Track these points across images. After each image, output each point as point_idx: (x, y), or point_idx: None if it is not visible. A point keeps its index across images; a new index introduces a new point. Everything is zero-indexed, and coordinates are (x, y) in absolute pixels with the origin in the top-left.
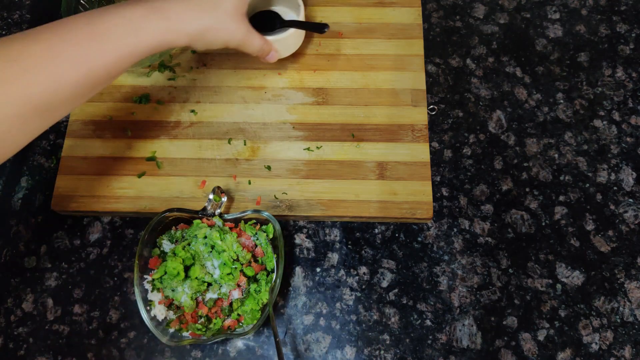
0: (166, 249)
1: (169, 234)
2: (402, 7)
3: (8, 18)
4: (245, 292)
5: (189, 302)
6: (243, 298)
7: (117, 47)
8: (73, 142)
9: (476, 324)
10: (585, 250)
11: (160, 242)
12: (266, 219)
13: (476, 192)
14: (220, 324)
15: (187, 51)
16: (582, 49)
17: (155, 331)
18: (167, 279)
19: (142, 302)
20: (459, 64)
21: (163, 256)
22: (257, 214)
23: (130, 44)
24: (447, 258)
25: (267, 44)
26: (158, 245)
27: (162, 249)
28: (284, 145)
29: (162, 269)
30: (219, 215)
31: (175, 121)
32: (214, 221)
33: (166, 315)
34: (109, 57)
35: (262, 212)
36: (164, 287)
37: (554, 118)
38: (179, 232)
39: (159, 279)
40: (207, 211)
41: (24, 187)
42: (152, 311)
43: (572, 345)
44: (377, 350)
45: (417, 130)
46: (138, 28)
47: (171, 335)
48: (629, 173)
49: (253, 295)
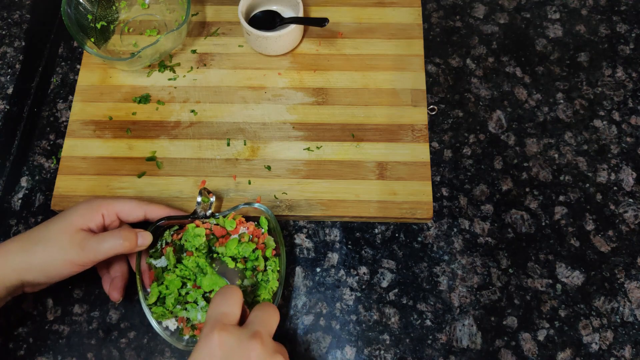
0: (158, 265)
1: (155, 250)
2: (402, 7)
3: (8, 18)
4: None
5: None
6: (254, 289)
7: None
8: (73, 142)
9: (476, 324)
10: (585, 250)
11: (148, 260)
12: (260, 211)
13: (476, 192)
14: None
15: (187, 51)
16: (582, 49)
17: (171, 340)
18: (171, 299)
19: (150, 313)
20: (459, 64)
21: (159, 273)
22: (249, 206)
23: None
24: (447, 258)
25: (119, 236)
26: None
27: (155, 265)
28: (284, 145)
29: (156, 292)
30: (210, 215)
31: (175, 121)
32: (208, 223)
33: (178, 325)
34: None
35: (253, 203)
36: (173, 310)
37: (554, 118)
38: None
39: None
40: (197, 214)
41: (24, 187)
42: (164, 322)
43: (572, 345)
44: (377, 350)
45: (417, 130)
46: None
47: (187, 342)
48: (629, 173)
49: (263, 286)
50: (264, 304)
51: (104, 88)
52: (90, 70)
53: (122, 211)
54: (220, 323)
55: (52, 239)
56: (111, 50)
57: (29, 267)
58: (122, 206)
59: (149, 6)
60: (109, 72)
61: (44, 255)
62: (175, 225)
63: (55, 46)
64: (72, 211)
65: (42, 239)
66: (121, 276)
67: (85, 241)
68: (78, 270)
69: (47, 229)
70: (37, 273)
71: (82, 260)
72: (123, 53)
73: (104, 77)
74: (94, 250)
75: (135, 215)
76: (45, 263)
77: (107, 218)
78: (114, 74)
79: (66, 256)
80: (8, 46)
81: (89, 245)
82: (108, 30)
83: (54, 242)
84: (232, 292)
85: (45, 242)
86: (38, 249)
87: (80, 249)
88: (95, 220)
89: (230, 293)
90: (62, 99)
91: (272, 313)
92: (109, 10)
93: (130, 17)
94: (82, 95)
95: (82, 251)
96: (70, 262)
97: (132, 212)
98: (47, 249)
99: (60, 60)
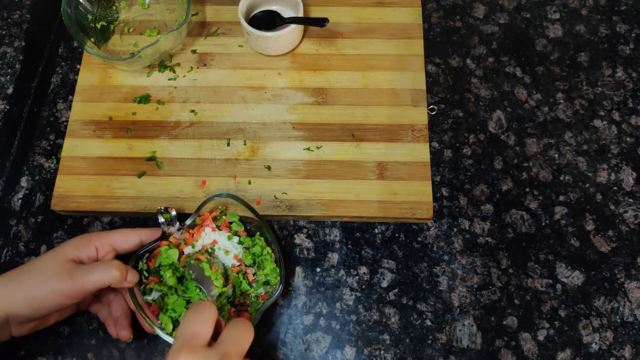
0: (151, 298)
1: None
2: (402, 7)
3: (8, 18)
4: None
5: None
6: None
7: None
8: (73, 142)
9: (476, 324)
10: (585, 250)
11: (144, 299)
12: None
13: (476, 192)
14: (257, 306)
15: (187, 51)
16: (582, 49)
17: (166, 337)
18: None
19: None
20: (459, 64)
21: (159, 302)
22: (210, 201)
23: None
24: (447, 258)
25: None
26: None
27: (151, 300)
28: (284, 145)
29: (167, 320)
30: (179, 229)
31: (175, 121)
32: (177, 239)
33: None
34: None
35: (213, 197)
36: None
37: (554, 118)
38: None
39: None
40: (166, 233)
41: (24, 187)
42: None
43: (572, 345)
44: (377, 350)
45: (417, 130)
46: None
47: None
48: (629, 173)
49: (265, 259)
50: (238, 320)
51: (104, 88)
52: (90, 70)
53: (117, 241)
54: (189, 344)
55: (40, 268)
56: (111, 50)
57: (14, 297)
58: (116, 236)
59: (149, 6)
60: (109, 72)
61: (30, 283)
62: (145, 253)
63: (55, 46)
64: (64, 243)
65: (30, 268)
66: (124, 314)
67: (74, 270)
68: (66, 302)
69: (36, 260)
70: (22, 303)
71: (70, 290)
72: (123, 53)
73: (104, 77)
74: (83, 279)
75: (131, 242)
76: (32, 292)
77: (101, 250)
78: (114, 74)
79: (53, 285)
80: (8, 46)
81: (78, 274)
82: (108, 30)
83: (42, 270)
84: (204, 309)
85: (33, 271)
86: (25, 277)
87: (69, 277)
88: (88, 251)
89: (202, 310)
90: (62, 99)
91: (244, 330)
92: (109, 10)
93: (130, 17)
94: (82, 95)
95: (70, 280)
96: (57, 292)
97: (127, 240)
98: (34, 277)
99: (60, 60)
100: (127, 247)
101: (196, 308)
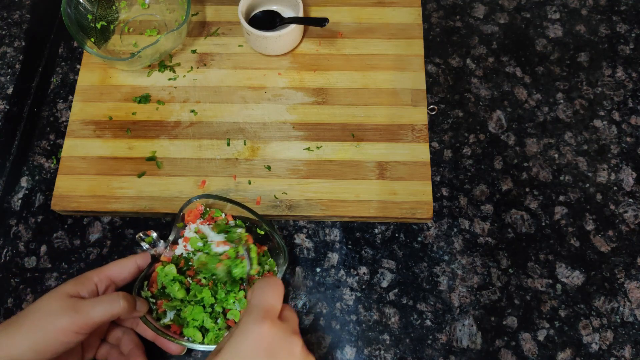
0: (167, 320)
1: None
2: (402, 7)
3: (8, 18)
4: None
5: None
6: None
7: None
8: (73, 142)
9: (476, 324)
10: (585, 250)
11: (161, 323)
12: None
13: (476, 192)
14: None
15: (187, 51)
16: (582, 49)
17: (200, 347)
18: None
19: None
20: (459, 64)
21: (177, 320)
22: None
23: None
24: (447, 258)
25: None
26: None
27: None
28: (284, 145)
29: (195, 332)
30: (165, 247)
31: (175, 121)
32: (168, 257)
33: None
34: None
35: (193, 199)
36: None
37: (554, 118)
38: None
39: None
40: (156, 255)
41: (24, 187)
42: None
43: (572, 345)
44: (377, 350)
45: (417, 130)
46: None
47: None
48: (629, 173)
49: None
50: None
51: (104, 88)
52: (90, 70)
53: (114, 271)
54: (269, 316)
55: (41, 308)
56: (111, 50)
57: (16, 342)
58: (112, 267)
59: (149, 6)
60: (109, 72)
61: (31, 325)
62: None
63: (55, 46)
64: (62, 284)
65: (30, 310)
66: (136, 346)
67: (78, 304)
68: (73, 341)
69: (35, 302)
70: (25, 348)
71: (76, 325)
72: (123, 53)
73: (104, 77)
74: (89, 312)
75: (129, 269)
76: (34, 334)
77: (100, 284)
78: (114, 74)
79: (57, 322)
80: (8, 46)
81: (83, 308)
82: (108, 30)
83: (44, 309)
84: (277, 284)
85: (34, 312)
86: (25, 320)
87: (74, 311)
88: (88, 287)
89: (275, 285)
90: (62, 99)
91: (294, 314)
92: (109, 10)
93: (130, 17)
94: (82, 95)
95: (75, 314)
96: (62, 329)
97: (124, 268)
98: (35, 317)
99: (60, 60)
100: (126, 275)
101: (268, 282)
